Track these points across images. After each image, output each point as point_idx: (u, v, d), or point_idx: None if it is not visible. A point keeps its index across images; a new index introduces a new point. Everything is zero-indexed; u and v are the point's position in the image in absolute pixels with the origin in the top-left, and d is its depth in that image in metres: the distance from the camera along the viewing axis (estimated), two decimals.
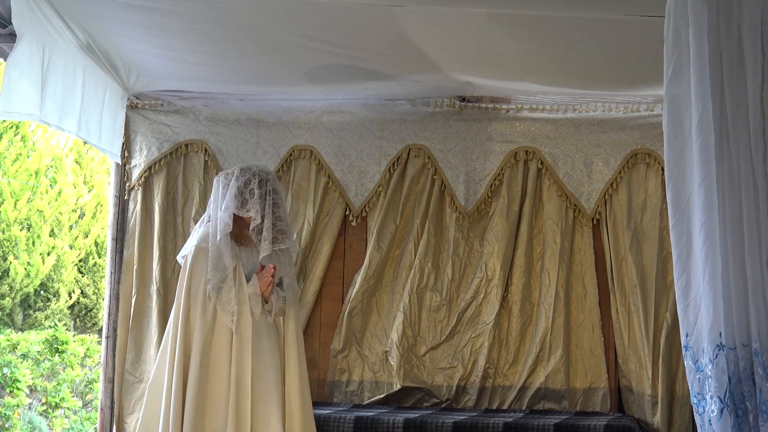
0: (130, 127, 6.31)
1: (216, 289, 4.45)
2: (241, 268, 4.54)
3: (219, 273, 4.47)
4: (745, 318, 3.30)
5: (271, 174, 4.69)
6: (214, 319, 4.46)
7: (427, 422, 5.30)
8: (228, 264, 4.49)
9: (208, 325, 4.45)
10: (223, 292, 4.45)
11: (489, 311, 5.97)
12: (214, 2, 4.78)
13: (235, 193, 4.57)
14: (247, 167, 4.67)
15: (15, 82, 4.73)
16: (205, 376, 4.40)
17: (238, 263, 4.54)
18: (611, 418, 5.46)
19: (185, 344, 4.45)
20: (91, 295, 12.73)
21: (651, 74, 4.87)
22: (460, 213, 6.06)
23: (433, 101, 6.15)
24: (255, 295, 4.52)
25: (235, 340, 4.45)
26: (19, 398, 10.31)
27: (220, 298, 4.44)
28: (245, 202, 4.56)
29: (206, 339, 4.43)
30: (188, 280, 4.53)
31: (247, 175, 4.61)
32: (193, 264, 4.54)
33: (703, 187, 3.36)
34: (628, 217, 5.92)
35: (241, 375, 4.43)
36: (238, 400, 4.40)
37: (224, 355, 4.44)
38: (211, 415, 4.39)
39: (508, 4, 4.63)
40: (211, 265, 4.48)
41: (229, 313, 4.44)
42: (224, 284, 4.46)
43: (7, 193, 12.02)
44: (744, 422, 3.29)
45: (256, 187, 4.57)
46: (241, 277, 4.52)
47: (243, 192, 4.57)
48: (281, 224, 4.59)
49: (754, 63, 3.40)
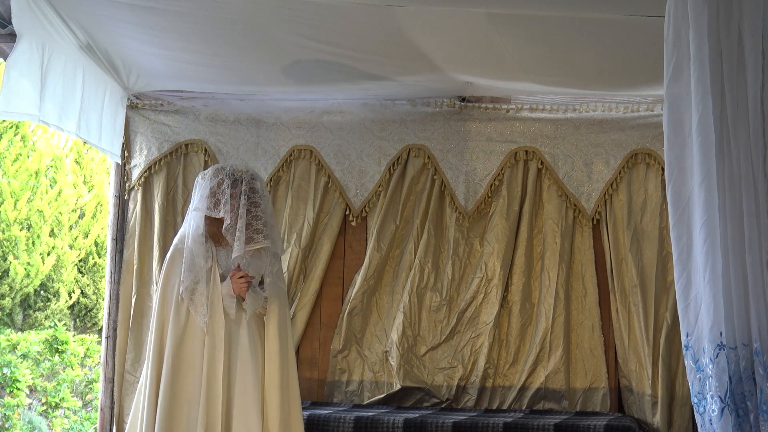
0: (130, 127, 6.31)
1: (189, 291, 4.44)
2: (217, 268, 4.53)
3: (192, 275, 4.46)
4: (746, 317, 3.30)
5: (248, 173, 4.60)
6: (187, 320, 4.46)
7: (427, 422, 5.29)
8: (202, 265, 4.48)
9: (180, 326, 4.45)
10: (196, 293, 4.44)
11: (489, 311, 5.97)
12: (214, 2, 4.77)
13: (207, 194, 4.53)
14: (221, 167, 4.61)
15: (15, 82, 4.73)
16: (176, 378, 4.41)
17: (214, 264, 4.52)
18: (611, 418, 5.46)
19: (160, 346, 4.47)
20: (91, 295, 12.73)
21: (651, 74, 4.87)
22: (460, 213, 6.06)
23: (433, 101, 6.15)
24: (228, 295, 4.49)
25: (208, 340, 4.44)
26: (19, 398, 10.30)
27: (192, 299, 4.44)
28: (217, 203, 4.51)
29: (178, 340, 4.43)
30: (163, 281, 4.54)
31: (220, 176, 4.55)
32: (168, 265, 4.55)
33: (704, 186, 3.36)
34: (628, 217, 5.92)
35: (213, 375, 4.41)
36: (208, 400, 4.38)
37: (197, 355, 4.43)
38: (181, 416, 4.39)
39: (508, 4, 4.63)
40: (185, 266, 4.47)
41: (201, 314, 4.43)
42: (198, 285, 4.45)
43: (7, 193, 12.02)
44: (745, 422, 3.29)
45: (227, 187, 4.52)
46: (215, 278, 4.50)
47: (216, 193, 4.52)
48: (258, 223, 4.53)
49: (755, 64, 3.40)
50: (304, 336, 6.16)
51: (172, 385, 4.39)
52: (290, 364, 4.64)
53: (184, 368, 4.42)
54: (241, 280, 4.48)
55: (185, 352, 4.43)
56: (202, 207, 4.52)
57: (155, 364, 4.46)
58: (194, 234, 4.53)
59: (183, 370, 4.42)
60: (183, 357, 4.43)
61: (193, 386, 4.41)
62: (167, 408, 4.37)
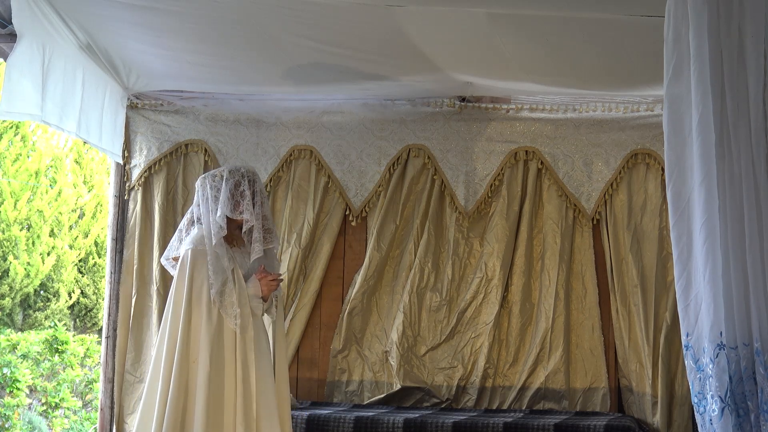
0: (130, 127, 6.32)
1: (219, 293, 4.45)
2: (239, 269, 4.55)
3: (221, 277, 4.46)
4: (746, 317, 3.30)
5: (254, 173, 4.68)
6: (219, 323, 4.47)
7: (427, 422, 5.29)
8: (227, 266, 4.50)
9: (214, 328, 4.45)
10: (225, 295, 4.46)
11: (489, 311, 5.97)
12: (214, 2, 4.78)
13: (228, 196, 4.55)
14: (235, 168, 4.64)
15: (16, 83, 4.74)
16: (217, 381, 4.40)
17: (236, 265, 4.55)
18: (611, 418, 5.47)
19: (187, 350, 4.43)
20: (91, 295, 12.73)
21: (651, 74, 4.87)
22: (460, 213, 6.06)
23: (433, 101, 6.15)
24: (255, 296, 4.54)
25: (239, 341, 4.47)
26: (19, 398, 10.30)
27: (223, 301, 4.45)
28: (238, 204, 4.55)
29: (213, 343, 4.43)
30: (188, 283, 4.49)
31: (237, 177, 4.59)
32: (192, 267, 4.51)
33: (704, 186, 3.36)
34: (628, 217, 5.93)
35: (247, 376, 4.46)
36: (245, 400, 4.43)
37: (230, 357, 4.46)
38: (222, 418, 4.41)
39: (508, 4, 4.63)
40: (211, 269, 4.47)
41: (232, 316, 4.45)
42: (225, 287, 4.47)
43: (7, 193, 12.02)
44: (745, 421, 3.28)
45: (246, 188, 4.56)
46: (240, 279, 4.52)
47: (234, 194, 4.56)
48: (267, 223, 4.60)
49: (757, 64, 3.40)
50: (304, 336, 6.17)
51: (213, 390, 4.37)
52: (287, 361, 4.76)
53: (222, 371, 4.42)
54: (273, 282, 4.55)
55: (220, 354, 4.43)
56: (225, 209, 4.53)
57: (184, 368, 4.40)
58: (218, 236, 4.51)
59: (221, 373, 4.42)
60: (220, 360, 4.43)
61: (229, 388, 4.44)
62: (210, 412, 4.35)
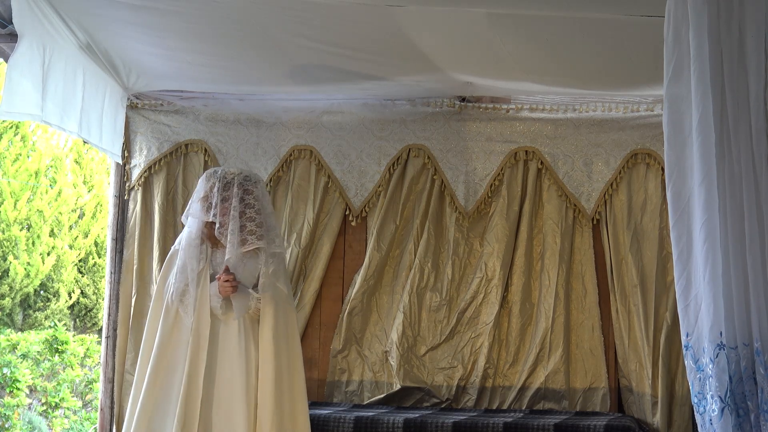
0: (130, 127, 6.32)
1: (179, 293, 4.51)
2: (209, 270, 4.57)
3: (183, 277, 4.53)
4: (746, 317, 3.31)
5: (241, 175, 4.62)
6: (176, 321, 4.52)
7: (427, 422, 5.29)
8: (194, 267, 4.53)
9: (168, 326, 4.52)
10: (186, 295, 4.50)
11: (489, 311, 5.97)
12: (214, 2, 4.78)
13: (201, 197, 4.59)
14: (213, 171, 4.66)
15: (16, 83, 4.74)
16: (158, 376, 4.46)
17: (207, 265, 4.56)
18: (611, 418, 5.46)
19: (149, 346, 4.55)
20: (91, 295, 12.73)
21: (651, 74, 4.87)
22: (460, 213, 6.06)
23: (433, 101, 6.15)
24: (215, 295, 4.53)
25: (192, 339, 4.47)
26: (19, 398, 10.31)
27: (182, 300, 4.49)
28: (209, 207, 4.56)
29: (165, 340, 4.49)
30: (159, 282, 4.66)
31: (212, 180, 4.60)
32: (164, 268, 4.66)
33: (704, 186, 3.36)
34: (628, 217, 5.93)
35: (193, 373, 4.43)
36: (187, 398, 4.40)
37: (181, 355, 4.47)
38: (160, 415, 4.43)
39: (508, 4, 4.63)
40: (177, 269, 4.56)
41: (188, 314, 4.49)
42: (188, 287, 4.51)
43: (7, 193, 12.03)
44: (745, 421, 3.29)
45: (218, 191, 4.56)
46: (206, 279, 4.55)
47: (209, 197, 4.58)
48: (251, 225, 4.55)
49: (757, 64, 3.40)
50: (304, 336, 6.16)
51: (153, 384, 4.45)
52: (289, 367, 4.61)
53: (168, 367, 4.46)
54: (227, 283, 4.51)
55: (170, 351, 4.48)
56: (195, 212, 4.58)
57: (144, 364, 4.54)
58: (188, 237, 4.60)
59: (166, 369, 4.46)
60: (167, 356, 4.48)
61: (174, 385, 4.44)
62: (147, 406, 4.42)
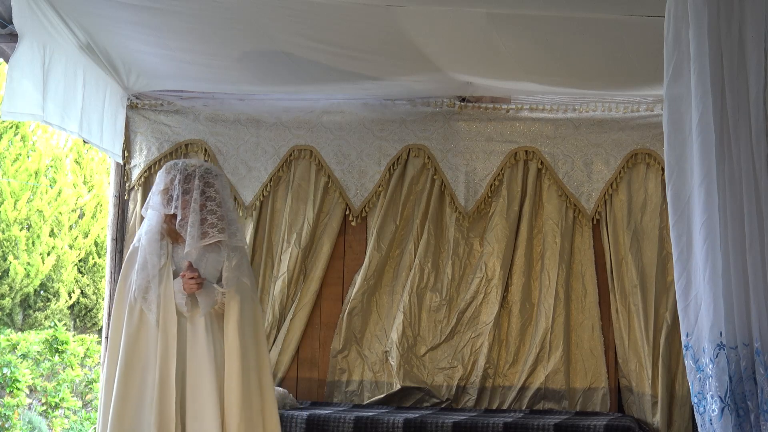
0: (130, 127, 6.32)
1: (142, 290, 4.41)
2: (171, 266, 4.48)
3: (144, 274, 4.43)
4: (746, 317, 3.31)
5: (202, 168, 4.53)
6: (140, 320, 4.43)
7: (427, 422, 5.29)
8: (155, 263, 4.45)
9: (134, 325, 4.42)
10: (149, 292, 4.41)
11: (489, 311, 5.97)
12: (214, 2, 4.78)
13: (162, 189, 4.50)
14: (173, 164, 4.57)
15: (17, 83, 4.74)
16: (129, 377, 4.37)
17: (169, 261, 4.47)
18: (611, 418, 5.47)
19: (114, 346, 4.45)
20: (91, 295, 12.73)
21: (651, 74, 4.87)
22: (460, 213, 6.06)
23: (433, 101, 6.15)
24: (180, 292, 4.44)
25: (160, 338, 4.39)
26: (19, 398, 10.30)
27: (145, 298, 4.41)
28: (170, 200, 4.46)
29: (132, 340, 4.40)
30: (120, 281, 4.52)
31: (173, 172, 4.50)
32: (125, 266, 4.53)
33: (704, 186, 3.36)
34: (628, 217, 5.93)
35: (165, 373, 4.36)
36: (161, 399, 4.33)
37: (150, 354, 4.39)
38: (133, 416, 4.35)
39: (508, 4, 4.63)
40: (138, 266, 4.45)
41: (153, 312, 4.40)
42: (150, 284, 4.42)
43: (7, 193, 12.02)
44: (745, 421, 3.29)
45: (179, 183, 4.46)
46: (169, 276, 4.45)
47: (169, 189, 4.48)
48: (212, 218, 4.45)
49: (757, 64, 3.40)
50: (304, 336, 6.17)
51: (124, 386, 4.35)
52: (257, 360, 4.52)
53: (138, 367, 4.38)
54: (192, 280, 4.40)
55: (138, 351, 4.39)
56: (155, 204, 4.49)
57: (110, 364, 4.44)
58: (149, 231, 4.49)
59: (136, 370, 4.38)
60: (136, 356, 4.38)
61: (146, 386, 4.36)
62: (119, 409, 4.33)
